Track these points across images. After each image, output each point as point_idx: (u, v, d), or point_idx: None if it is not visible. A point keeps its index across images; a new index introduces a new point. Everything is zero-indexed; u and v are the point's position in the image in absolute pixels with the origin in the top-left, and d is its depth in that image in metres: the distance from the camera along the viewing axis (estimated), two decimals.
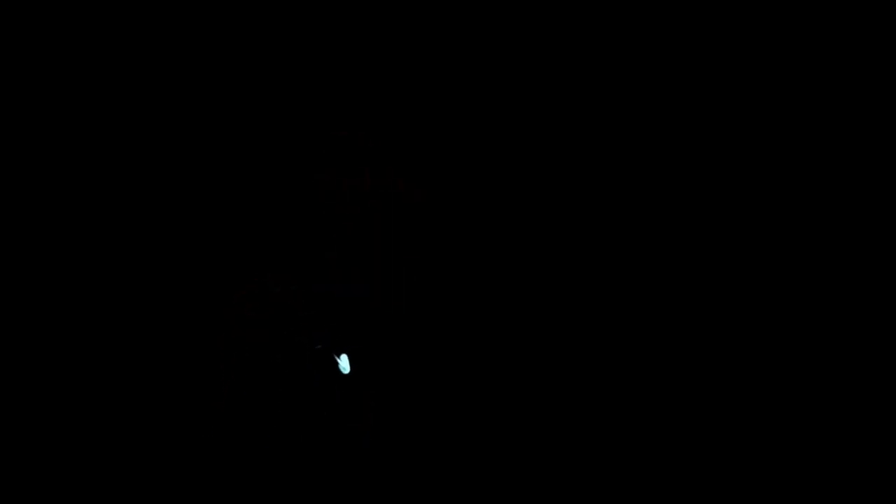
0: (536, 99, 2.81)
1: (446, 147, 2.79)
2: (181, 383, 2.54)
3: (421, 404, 2.68)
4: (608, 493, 2.60)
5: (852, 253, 2.66)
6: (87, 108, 2.66)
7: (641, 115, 2.79)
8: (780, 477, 2.57)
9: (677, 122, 2.77)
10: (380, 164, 2.76)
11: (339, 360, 2.48)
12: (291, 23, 2.74)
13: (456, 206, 2.77)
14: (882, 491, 2.50)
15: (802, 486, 2.55)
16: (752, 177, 2.73)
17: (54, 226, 2.61)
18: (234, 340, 2.47)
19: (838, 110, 2.70)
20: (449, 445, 2.64)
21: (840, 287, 2.66)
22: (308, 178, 2.74)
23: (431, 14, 2.76)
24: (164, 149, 2.70)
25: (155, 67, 2.70)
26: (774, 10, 2.70)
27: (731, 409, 2.64)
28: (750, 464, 2.60)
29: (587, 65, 2.79)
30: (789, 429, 2.61)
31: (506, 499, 2.59)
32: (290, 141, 2.75)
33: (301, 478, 2.47)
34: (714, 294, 2.71)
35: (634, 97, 2.79)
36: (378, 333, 2.68)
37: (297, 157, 2.74)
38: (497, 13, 2.78)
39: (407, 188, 2.76)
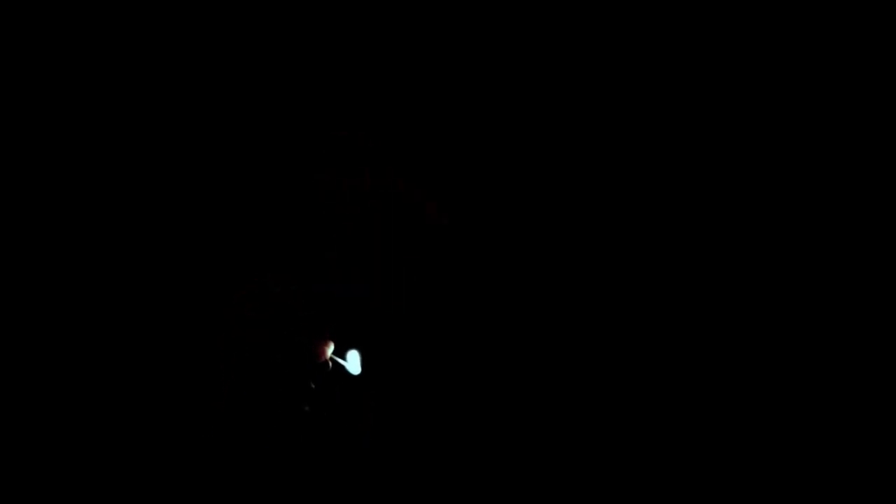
0: (538, 99, 2.81)
1: (447, 147, 2.79)
2: (181, 383, 2.54)
3: (421, 405, 2.68)
4: (608, 493, 2.60)
5: (852, 253, 2.66)
6: (85, 107, 2.67)
7: (641, 115, 2.78)
8: (779, 476, 2.57)
9: (682, 131, 2.76)
10: (380, 164, 2.76)
11: (345, 361, 2.46)
12: (291, 23, 2.75)
13: (456, 206, 2.77)
14: (882, 491, 2.49)
15: (802, 485, 2.55)
16: (753, 178, 2.73)
17: (52, 226, 2.62)
18: (234, 340, 2.47)
19: (838, 110, 2.70)
20: (449, 446, 2.64)
21: (840, 287, 2.65)
22: (308, 178, 2.74)
23: (431, 14, 2.77)
24: (163, 149, 2.71)
25: (153, 67, 2.70)
26: (774, 10, 2.70)
27: (731, 409, 2.64)
28: (750, 463, 2.59)
29: (589, 66, 2.79)
30: (789, 428, 2.61)
31: (506, 499, 2.59)
32: (290, 141, 2.75)
33: (301, 478, 2.46)
34: (715, 296, 2.71)
35: (635, 98, 2.79)
36: (378, 334, 2.68)
37: (297, 157, 2.74)
38: (497, 14, 2.78)
39: (407, 188, 2.75)
